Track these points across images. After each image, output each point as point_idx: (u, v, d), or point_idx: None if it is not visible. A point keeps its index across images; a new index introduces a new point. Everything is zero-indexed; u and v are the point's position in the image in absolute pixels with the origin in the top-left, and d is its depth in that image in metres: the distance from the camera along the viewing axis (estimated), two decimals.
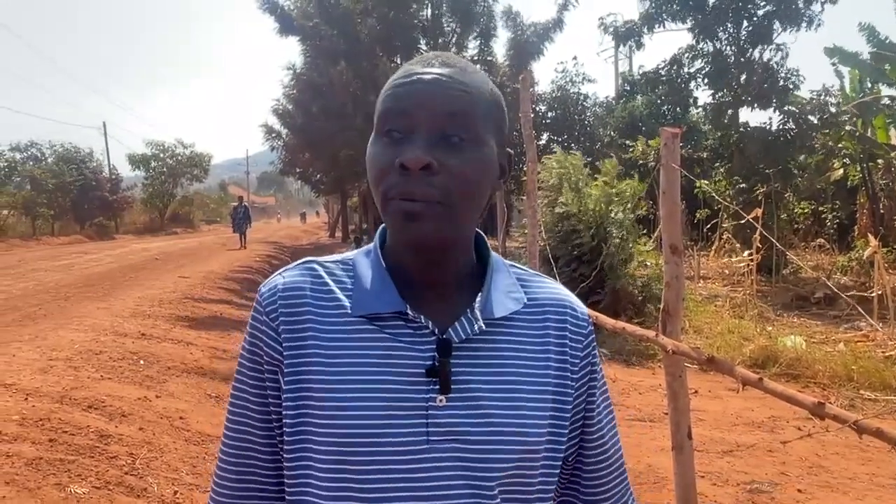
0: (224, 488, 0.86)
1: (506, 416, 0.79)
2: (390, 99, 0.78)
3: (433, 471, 0.77)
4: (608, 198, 8.44)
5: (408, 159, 0.74)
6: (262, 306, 0.83)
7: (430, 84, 0.77)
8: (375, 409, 0.77)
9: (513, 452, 0.79)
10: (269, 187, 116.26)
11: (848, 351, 6.43)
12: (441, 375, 0.78)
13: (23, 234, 27.17)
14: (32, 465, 3.57)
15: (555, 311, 0.87)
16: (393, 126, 0.77)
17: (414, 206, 0.75)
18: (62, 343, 6.10)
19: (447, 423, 0.78)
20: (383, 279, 0.82)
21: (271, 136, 25.22)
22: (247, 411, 0.84)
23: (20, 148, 32.63)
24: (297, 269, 0.85)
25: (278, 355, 0.81)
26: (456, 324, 0.80)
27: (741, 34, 13.50)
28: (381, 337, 0.80)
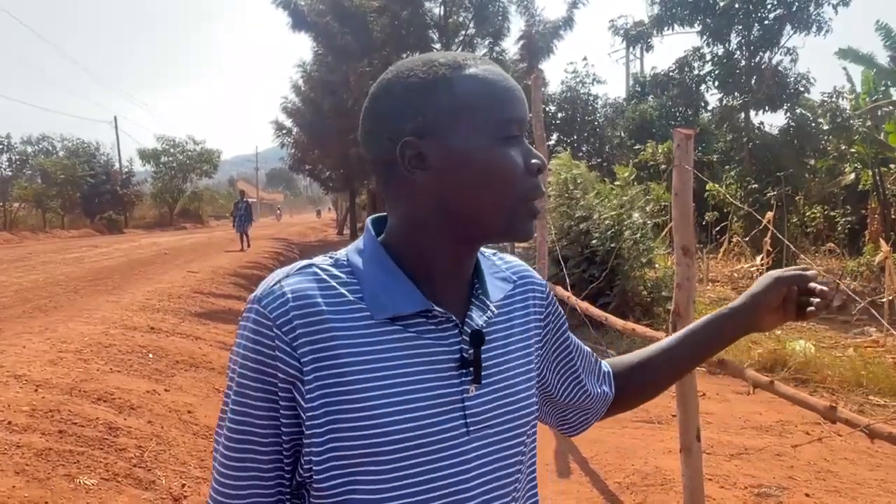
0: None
1: (522, 392, 0.87)
2: (506, 102, 0.80)
3: (475, 459, 0.81)
4: (623, 202, 8.45)
5: (543, 165, 0.83)
6: (269, 320, 0.76)
7: (521, 91, 0.83)
8: (418, 410, 0.77)
9: (529, 422, 0.89)
10: (277, 184, 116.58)
11: (857, 356, 6.40)
12: (475, 366, 0.81)
13: (33, 227, 27.38)
14: (42, 455, 3.59)
15: (524, 286, 0.95)
16: (515, 132, 0.81)
17: (539, 206, 0.84)
18: (72, 335, 6.14)
19: (482, 412, 0.82)
20: (399, 279, 0.80)
21: (281, 133, 25.29)
22: (253, 437, 0.78)
23: (31, 141, 32.85)
24: (299, 276, 0.80)
25: (296, 372, 0.75)
26: (471, 313, 0.84)
27: (751, 37, 13.45)
28: (407, 336, 0.79)
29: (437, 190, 0.80)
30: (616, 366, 1.09)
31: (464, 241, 0.83)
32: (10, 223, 26.36)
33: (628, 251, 8.19)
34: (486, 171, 0.79)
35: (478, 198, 0.80)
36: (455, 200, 0.80)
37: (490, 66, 0.82)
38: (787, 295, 1.01)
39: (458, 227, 0.82)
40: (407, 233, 0.83)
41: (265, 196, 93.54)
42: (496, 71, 0.83)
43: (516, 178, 0.80)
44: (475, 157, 0.79)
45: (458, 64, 0.81)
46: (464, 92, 0.79)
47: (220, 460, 0.80)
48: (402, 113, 0.80)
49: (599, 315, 3.73)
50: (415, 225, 0.82)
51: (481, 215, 0.81)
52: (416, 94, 0.79)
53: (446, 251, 0.83)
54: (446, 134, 0.78)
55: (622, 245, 8.11)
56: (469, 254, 0.85)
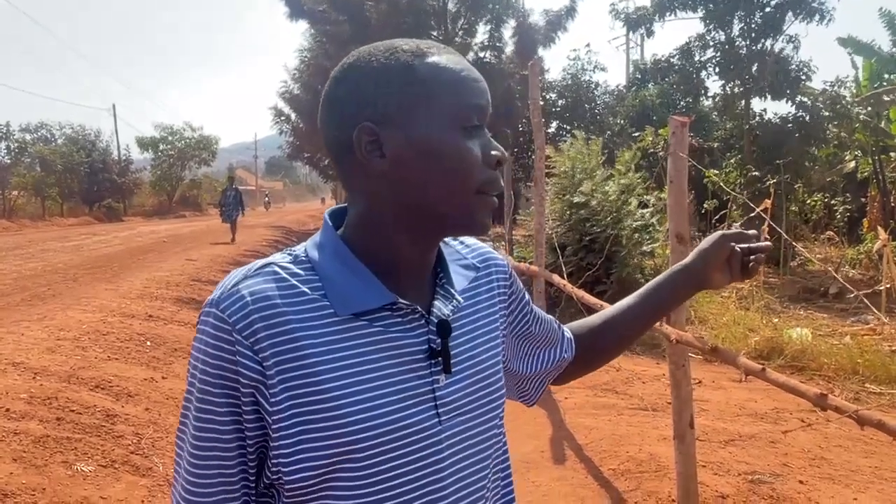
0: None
1: (490, 377, 0.88)
2: (465, 91, 0.79)
3: (448, 448, 0.81)
4: (624, 188, 8.42)
5: (503, 157, 0.82)
6: (228, 325, 0.73)
7: (484, 82, 0.82)
8: (389, 405, 0.76)
9: (499, 406, 0.90)
10: (277, 172, 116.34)
11: (854, 344, 6.40)
12: (443, 355, 0.81)
13: (32, 215, 27.36)
14: (40, 442, 3.61)
15: (487, 271, 0.96)
16: (477, 122, 0.79)
17: (496, 200, 0.83)
18: (70, 323, 6.15)
19: (453, 400, 0.82)
20: (362, 273, 0.79)
21: (280, 120, 25.19)
22: (217, 442, 0.76)
23: (30, 129, 32.75)
24: (258, 276, 0.77)
25: (259, 376, 0.73)
26: (436, 303, 0.83)
27: (753, 24, 13.37)
28: (373, 331, 0.78)
29: (393, 179, 0.78)
30: (579, 329, 1.12)
31: (422, 233, 0.82)
32: (8, 211, 26.34)
33: (627, 238, 8.18)
34: (442, 160, 0.77)
35: (432, 188, 0.78)
36: (410, 190, 0.79)
37: (452, 56, 0.81)
38: (732, 254, 1.05)
39: (414, 218, 0.80)
40: (365, 224, 0.81)
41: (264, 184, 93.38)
42: (458, 60, 0.81)
43: (473, 169, 0.78)
44: (431, 146, 0.77)
45: (421, 51, 0.79)
46: (424, 79, 0.77)
47: (186, 467, 0.78)
48: (361, 99, 0.78)
49: (594, 303, 3.74)
50: (373, 216, 0.81)
51: (436, 206, 0.79)
52: (376, 80, 0.78)
53: (406, 243, 0.81)
54: (403, 121, 0.77)
55: (621, 232, 8.10)
56: (430, 245, 0.85)
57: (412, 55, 0.78)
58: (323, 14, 17.14)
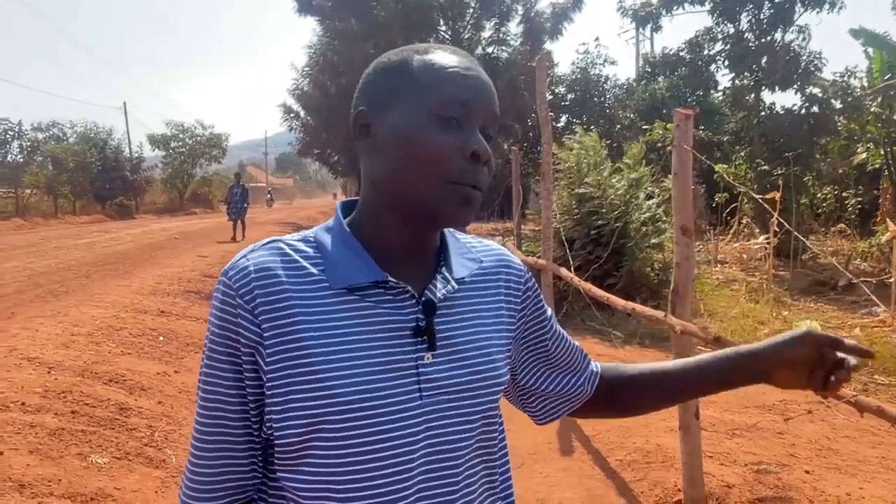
0: (199, 472, 0.86)
1: (483, 364, 0.89)
2: (452, 86, 0.82)
3: (427, 423, 0.84)
4: (632, 181, 8.41)
5: (483, 152, 0.82)
6: (233, 290, 0.82)
7: (485, 83, 0.85)
8: (372, 375, 0.81)
9: (490, 394, 0.90)
10: (287, 169, 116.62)
11: (864, 336, 6.39)
12: (428, 334, 0.84)
13: (45, 213, 27.58)
14: (55, 435, 3.68)
15: (497, 268, 0.98)
16: (454, 114, 0.82)
17: (475, 193, 0.83)
18: (84, 319, 6.23)
19: (436, 378, 0.85)
20: (358, 252, 0.85)
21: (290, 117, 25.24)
22: (221, 396, 0.84)
23: (42, 128, 32.99)
24: (262, 250, 0.85)
25: (257, 337, 0.81)
26: (431, 286, 0.87)
27: (762, 16, 13.27)
28: (363, 305, 0.83)
29: (379, 166, 0.85)
30: (613, 370, 1.08)
31: (404, 219, 0.86)
32: (22, 209, 26.56)
33: (635, 231, 8.17)
34: (412, 147, 0.82)
35: (403, 174, 0.83)
36: (389, 177, 0.84)
37: (454, 56, 0.86)
38: (818, 360, 0.92)
39: (395, 204, 0.85)
40: (364, 210, 0.89)
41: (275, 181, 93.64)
42: (458, 60, 0.85)
43: (442, 159, 0.81)
44: (404, 133, 0.82)
45: (424, 50, 0.86)
46: (415, 73, 0.84)
47: (197, 419, 0.87)
48: (365, 89, 0.88)
49: (601, 295, 3.76)
50: (369, 202, 0.88)
51: (406, 193, 0.83)
52: (379, 74, 0.87)
53: (394, 228, 0.87)
54: (390, 109, 0.84)
55: (629, 226, 8.09)
56: (422, 232, 0.88)
57: (414, 52, 0.86)
58: (331, 10, 17.17)
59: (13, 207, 26.54)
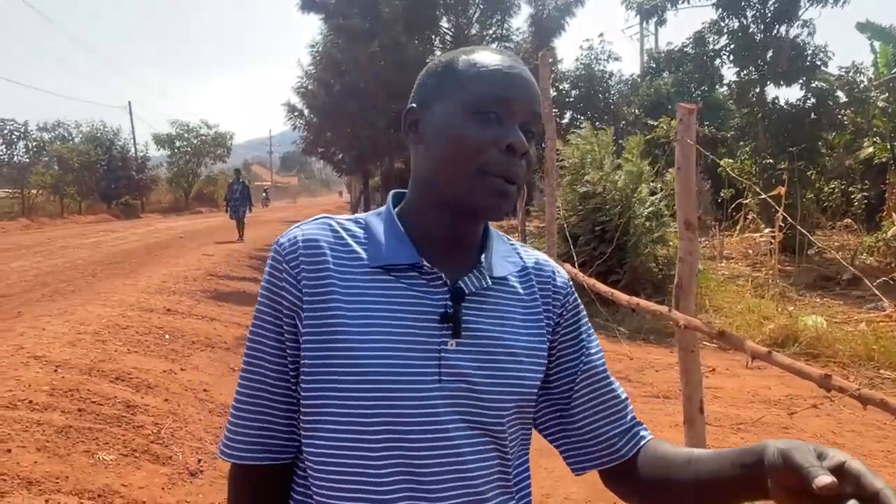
0: (238, 423, 0.92)
1: (507, 362, 0.89)
2: (492, 82, 0.86)
3: (443, 407, 0.85)
4: (634, 176, 8.39)
5: (519, 144, 0.85)
6: (281, 256, 0.89)
7: (526, 81, 0.88)
8: (394, 351, 0.84)
9: (509, 393, 0.89)
10: (292, 167, 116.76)
11: (869, 331, 6.37)
12: (454, 321, 0.86)
13: (51, 213, 27.68)
14: (62, 432, 3.70)
15: (539, 275, 0.98)
16: (492, 109, 0.85)
17: (509, 186, 0.86)
18: (90, 318, 6.26)
19: (457, 365, 0.86)
20: (399, 235, 0.90)
21: (294, 115, 25.27)
22: (263, 354, 0.90)
23: (48, 128, 33.10)
24: (314, 224, 0.92)
25: (298, 301, 0.87)
26: (466, 278, 0.90)
27: (767, 10, 13.22)
28: (397, 286, 0.87)
29: (422, 157, 0.90)
30: (655, 448, 0.94)
31: (442, 209, 0.90)
32: (28, 209, 26.68)
33: (638, 227, 8.16)
34: (447, 137, 0.86)
35: (439, 164, 0.87)
36: (428, 166, 0.89)
37: (497, 55, 0.90)
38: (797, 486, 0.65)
39: (433, 194, 0.90)
40: (410, 201, 0.94)
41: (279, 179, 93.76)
42: (500, 58, 0.89)
43: (475, 150, 0.84)
44: (444, 127, 0.87)
45: (470, 51, 0.91)
46: (458, 71, 0.88)
47: (241, 375, 0.94)
48: (416, 89, 0.94)
49: (605, 291, 3.76)
50: (414, 195, 0.94)
51: (443, 184, 0.87)
52: (429, 74, 0.93)
53: (438, 219, 0.90)
54: (434, 105, 0.89)
55: (632, 221, 8.08)
56: (461, 224, 0.91)
57: (461, 53, 0.91)
58: (335, 7, 17.17)
59: (19, 208, 26.65)
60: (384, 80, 16.64)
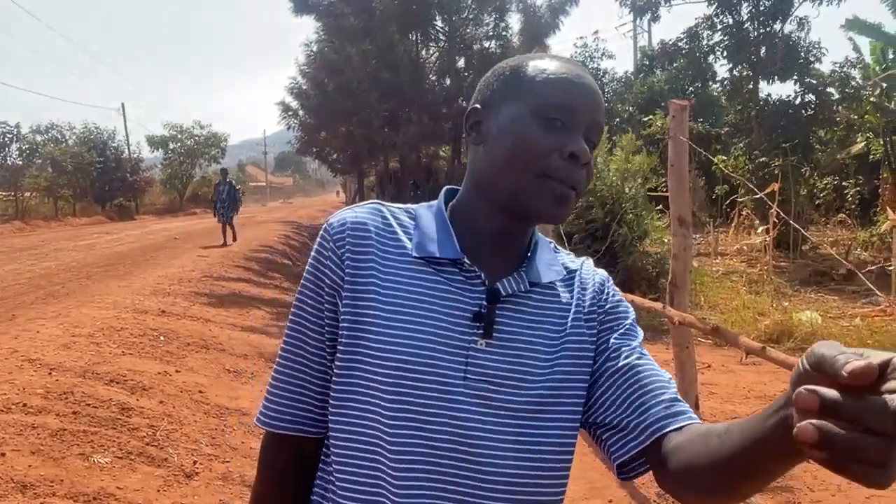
0: (276, 393, 0.95)
1: (537, 367, 0.87)
2: (560, 90, 0.87)
3: (466, 405, 0.83)
4: (623, 173, 8.40)
5: (582, 152, 0.85)
6: (329, 235, 0.91)
7: (593, 91, 0.90)
8: (422, 342, 0.84)
9: (546, 398, 0.86)
10: (286, 167, 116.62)
11: (864, 325, 6.39)
12: (486, 321, 0.86)
13: (45, 216, 27.60)
14: (57, 436, 3.68)
15: (582, 283, 0.97)
16: (559, 116, 0.86)
17: (570, 192, 0.87)
18: (84, 320, 6.24)
19: (484, 365, 0.85)
20: (446, 230, 0.91)
21: (288, 115, 25.23)
22: (304, 327, 0.92)
23: (41, 130, 32.97)
24: (365, 208, 0.94)
25: (340, 280, 0.89)
26: (505, 280, 0.89)
27: (761, 6, 13.25)
28: (436, 279, 0.88)
29: (482, 156, 0.91)
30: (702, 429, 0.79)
31: (494, 208, 0.90)
32: (22, 212, 26.58)
33: (629, 224, 8.18)
34: (513, 139, 0.87)
35: (500, 164, 0.88)
36: (487, 166, 0.90)
37: (564, 64, 0.91)
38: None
39: (488, 193, 0.91)
40: (463, 197, 0.95)
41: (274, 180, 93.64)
42: (568, 67, 0.90)
43: (540, 154, 0.85)
44: (510, 129, 0.88)
45: (538, 57, 0.92)
46: (524, 75, 0.90)
47: (281, 346, 0.96)
48: (481, 90, 0.95)
49: None
50: (468, 192, 0.95)
51: (501, 184, 0.88)
52: (495, 76, 0.94)
53: (488, 218, 0.91)
54: (499, 107, 0.90)
55: (623, 218, 8.10)
56: (511, 227, 0.91)
57: (529, 59, 0.93)
58: (329, 7, 17.14)
59: (13, 210, 26.55)
60: (378, 79, 16.62)
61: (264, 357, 6.10)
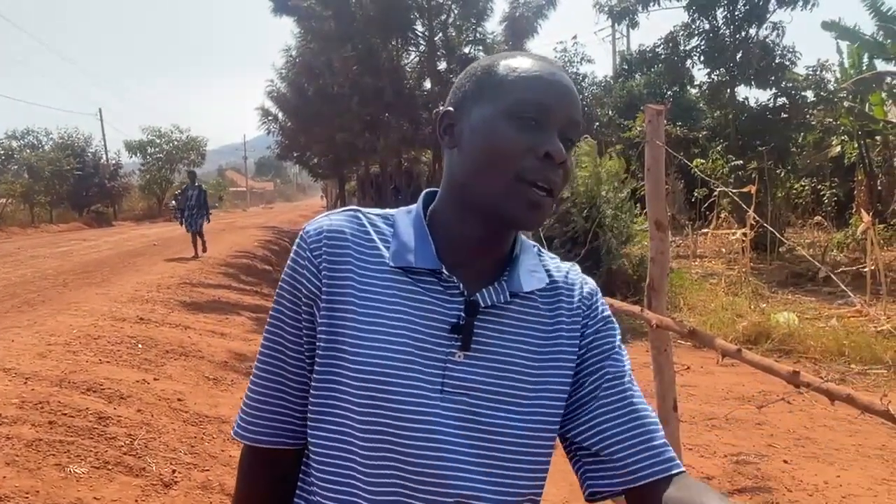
0: (252, 405, 0.92)
1: (516, 380, 0.85)
2: (532, 88, 0.84)
3: (444, 419, 0.81)
4: (597, 177, 8.46)
5: (557, 152, 0.82)
6: (306, 243, 0.88)
7: (567, 88, 0.86)
8: (398, 354, 0.82)
9: (521, 414, 0.84)
10: (267, 172, 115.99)
11: (840, 326, 6.48)
12: (464, 332, 0.84)
13: (21, 222, 27.19)
14: (32, 446, 3.62)
15: (568, 292, 0.93)
16: (530, 114, 0.83)
17: (544, 198, 0.83)
18: (61, 328, 6.15)
19: (462, 378, 0.83)
20: (424, 238, 0.87)
21: (267, 120, 25.08)
22: (281, 338, 0.90)
23: (17, 136, 32.53)
24: (342, 215, 0.91)
25: (317, 290, 0.86)
26: (484, 290, 0.86)
27: (737, 12, 13.43)
28: (413, 290, 0.85)
29: (456, 159, 0.88)
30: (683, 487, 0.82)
31: (470, 214, 0.87)
32: None
33: (608, 227, 8.23)
34: (485, 140, 0.84)
35: (475, 167, 0.85)
36: (461, 169, 0.87)
37: (538, 61, 0.87)
38: None
39: (462, 197, 0.88)
40: (440, 202, 0.92)
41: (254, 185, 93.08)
42: (541, 64, 0.87)
43: (512, 155, 0.81)
44: (481, 130, 0.84)
45: (510, 56, 0.89)
46: (498, 75, 0.86)
47: (258, 358, 0.93)
48: (453, 92, 0.92)
49: None
50: (444, 197, 0.91)
51: (476, 189, 0.85)
52: (467, 77, 0.90)
53: (466, 224, 0.88)
54: (471, 108, 0.87)
55: (602, 221, 8.16)
56: (490, 231, 0.87)
57: (501, 58, 0.89)
58: (308, 10, 17.09)
59: None
60: (358, 83, 16.58)
61: (244, 364, 6.06)
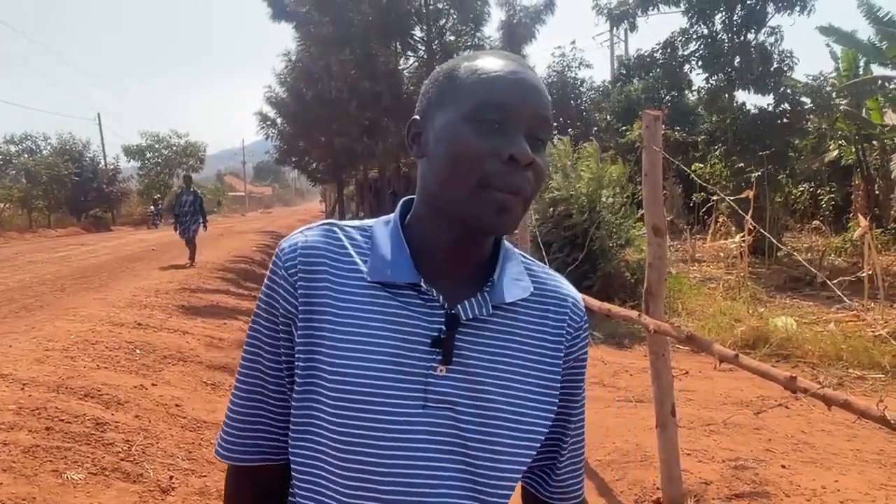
0: (233, 425, 0.91)
1: (499, 395, 0.84)
2: (490, 88, 0.80)
3: (427, 434, 0.81)
4: (598, 181, 8.47)
5: (522, 154, 0.78)
6: (281, 262, 0.86)
7: (531, 85, 0.82)
8: (378, 371, 0.80)
9: (506, 430, 0.84)
10: (266, 177, 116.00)
11: (838, 331, 6.48)
12: (445, 347, 0.82)
13: (19, 227, 27.18)
14: (29, 452, 3.61)
15: (556, 304, 0.91)
16: (492, 116, 0.79)
17: (512, 199, 0.79)
18: (58, 334, 6.14)
19: (444, 393, 0.82)
20: (401, 250, 0.85)
21: (266, 125, 25.11)
22: (259, 357, 0.89)
23: (15, 140, 32.52)
24: (318, 230, 0.89)
25: (293, 309, 0.85)
26: (465, 302, 0.84)
27: (735, 17, 13.46)
28: (392, 304, 0.83)
29: (426, 170, 0.85)
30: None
31: (441, 223, 0.85)
32: None
33: (607, 231, 8.24)
34: (447, 146, 0.81)
35: (439, 175, 0.82)
36: (429, 177, 0.85)
37: (500, 59, 0.84)
38: None
39: (433, 207, 0.86)
40: (415, 211, 0.89)
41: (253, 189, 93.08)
42: (503, 62, 0.83)
43: (472, 161, 0.79)
44: (442, 136, 0.82)
45: (473, 56, 0.86)
46: (457, 77, 0.84)
47: (237, 377, 0.92)
48: (420, 100, 0.89)
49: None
50: (417, 206, 0.89)
51: (444, 197, 0.83)
52: (431, 83, 0.88)
53: (440, 234, 0.85)
54: (434, 114, 0.84)
55: (600, 225, 8.16)
56: (464, 240, 0.85)
57: (464, 60, 0.86)
58: (306, 15, 17.12)
59: None
60: (357, 88, 16.61)
61: None
